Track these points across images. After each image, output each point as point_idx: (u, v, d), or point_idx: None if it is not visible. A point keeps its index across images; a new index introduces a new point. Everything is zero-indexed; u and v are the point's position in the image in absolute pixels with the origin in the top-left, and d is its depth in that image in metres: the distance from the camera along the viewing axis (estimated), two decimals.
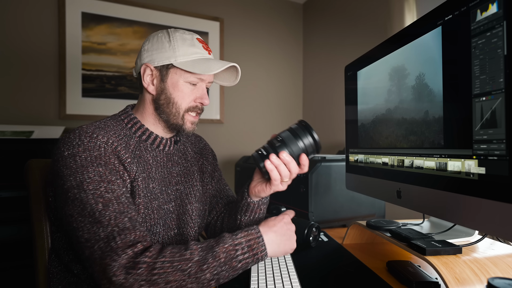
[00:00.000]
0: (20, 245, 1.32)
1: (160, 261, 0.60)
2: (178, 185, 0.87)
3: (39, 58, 1.71)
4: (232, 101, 2.23)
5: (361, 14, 1.79)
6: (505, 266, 0.65)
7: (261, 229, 0.72)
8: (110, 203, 0.65)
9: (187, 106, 0.82)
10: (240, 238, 0.68)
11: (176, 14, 2.03)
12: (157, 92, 0.82)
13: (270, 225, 0.74)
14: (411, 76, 0.79)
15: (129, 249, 0.60)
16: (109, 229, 0.62)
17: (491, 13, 0.55)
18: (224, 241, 0.66)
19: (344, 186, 1.17)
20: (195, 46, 0.81)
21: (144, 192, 0.77)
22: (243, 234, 0.69)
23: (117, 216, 0.64)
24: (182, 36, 0.81)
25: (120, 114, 0.85)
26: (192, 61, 0.80)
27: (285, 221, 0.77)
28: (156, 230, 0.78)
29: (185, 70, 0.79)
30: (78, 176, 0.67)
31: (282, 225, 0.75)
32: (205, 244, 0.66)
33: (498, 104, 0.54)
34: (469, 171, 0.60)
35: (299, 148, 0.75)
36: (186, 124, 0.83)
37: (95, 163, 0.69)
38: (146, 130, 0.84)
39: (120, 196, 0.68)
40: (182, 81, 0.81)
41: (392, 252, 0.95)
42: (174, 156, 0.90)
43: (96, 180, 0.67)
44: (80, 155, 0.69)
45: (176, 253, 0.62)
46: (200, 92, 0.83)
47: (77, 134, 0.72)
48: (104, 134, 0.74)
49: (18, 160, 1.20)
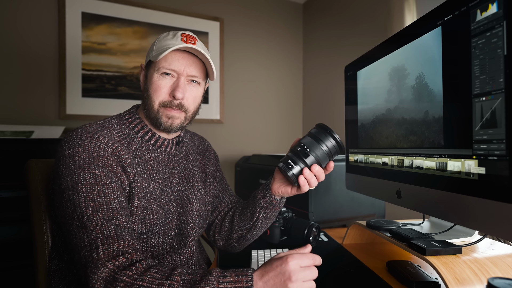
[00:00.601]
0: (20, 245, 1.32)
1: (138, 284, 0.57)
2: (179, 185, 0.88)
3: (39, 58, 1.71)
4: (232, 101, 2.23)
5: (361, 14, 1.79)
6: (505, 266, 0.65)
7: (256, 274, 0.60)
8: (100, 207, 0.66)
9: (161, 100, 0.80)
10: (227, 283, 0.58)
11: (176, 14, 2.03)
12: (143, 88, 0.85)
13: (268, 268, 0.60)
14: (411, 76, 0.79)
15: (109, 262, 0.59)
16: (93, 235, 0.62)
17: (491, 13, 0.55)
18: (208, 282, 0.58)
19: (344, 186, 1.17)
20: (172, 39, 0.80)
21: (144, 193, 0.77)
22: (232, 278, 0.59)
23: (103, 222, 0.64)
24: (167, 34, 0.83)
25: (125, 114, 0.86)
26: (162, 52, 0.79)
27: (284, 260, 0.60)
28: (156, 230, 0.78)
29: (153, 62, 0.80)
30: (75, 177, 0.68)
31: (277, 263, 0.60)
32: (189, 276, 0.60)
33: (498, 104, 0.54)
34: (469, 171, 0.60)
35: (324, 152, 0.76)
36: (162, 117, 0.81)
37: (93, 164, 0.70)
38: (149, 131, 0.85)
39: (112, 201, 0.68)
40: (156, 74, 0.80)
41: (392, 252, 0.95)
42: (176, 157, 0.90)
43: (91, 182, 0.68)
44: (79, 155, 0.70)
45: (156, 279, 0.58)
46: (175, 84, 0.81)
47: (79, 133, 0.73)
48: (106, 133, 0.75)
49: (18, 160, 1.20)
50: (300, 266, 0.59)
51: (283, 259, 0.60)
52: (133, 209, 0.74)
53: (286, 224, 1.03)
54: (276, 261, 0.60)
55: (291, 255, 0.60)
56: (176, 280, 0.59)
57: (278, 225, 1.03)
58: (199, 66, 0.83)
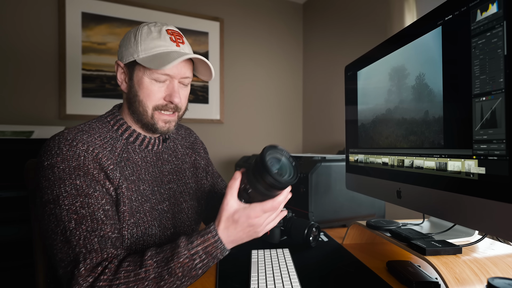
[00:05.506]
0: (20, 245, 1.32)
1: (115, 284, 0.58)
2: (171, 183, 0.86)
3: (39, 58, 1.71)
4: (232, 101, 2.23)
5: (361, 14, 1.79)
6: (505, 266, 0.65)
7: (220, 228, 0.64)
8: (83, 219, 0.64)
9: (154, 104, 0.78)
10: (196, 246, 0.62)
11: (176, 14, 2.03)
12: (128, 90, 0.80)
13: (231, 221, 0.65)
14: (411, 76, 0.79)
15: (90, 276, 0.59)
16: (77, 250, 0.62)
17: (491, 13, 0.55)
18: (179, 254, 0.61)
19: (344, 186, 1.17)
20: (160, 39, 0.76)
21: (135, 196, 0.75)
22: (200, 240, 0.63)
23: (87, 236, 0.63)
24: (148, 29, 0.77)
25: (107, 116, 0.82)
26: (153, 56, 0.75)
27: (249, 215, 0.64)
28: (151, 232, 0.77)
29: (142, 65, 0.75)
30: (56, 190, 0.65)
31: (244, 220, 0.64)
32: (160, 256, 0.62)
33: (498, 104, 0.54)
34: (469, 171, 0.60)
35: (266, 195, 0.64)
36: (158, 123, 0.79)
37: (73, 174, 0.67)
38: (134, 132, 0.82)
39: (96, 211, 0.66)
40: (147, 78, 0.76)
41: (392, 252, 0.95)
42: (164, 155, 0.88)
43: (73, 194, 0.65)
44: (58, 166, 0.67)
45: (131, 272, 0.59)
46: (170, 89, 0.78)
47: (56, 142, 0.69)
48: (86, 139, 0.71)
49: (18, 160, 1.20)
50: (263, 214, 0.65)
51: (247, 215, 0.64)
52: (120, 214, 0.72)
53: (286, 224, 1.02)
54: (241, 217, 0.64)
55: (253, 210, 0.64)
56: (150, 265, 0.60)
57: (278, 225, 1.02)
58: (190, 65, 0.81)
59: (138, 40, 0.76)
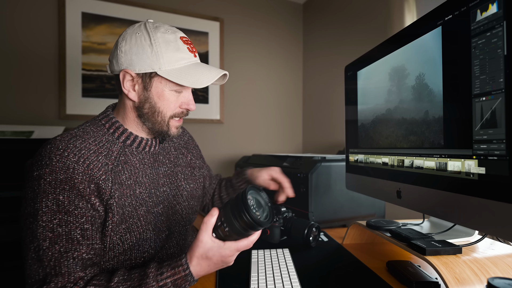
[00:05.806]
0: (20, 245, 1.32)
1: None
2: (165, 186, 0.85)
3: (39, 58, 1.71)
4: (232, 101, 2.23)
5: (361, 14, 1.79)
6: (505, 266, 0.65)
7: (193, 263, 0.65)
8: (58, 239, 0.63)
9: (172, 113, 0.79)
10: (166, 278, 0.62)
11: (176, 14, 2.03)
12: (140, 100, 0.77)
13: (204, 258, 0.65)
14: (411, 76, 0.79)
15: None
16: (47, 270, 0.62)
17: (491, 13, 0.55)
18: (147, 285, 0.61)
19: (344, 186, 1.18)
20: (179, 50, 0.74)
21: (129, 201, 0.74)
22: (170, 273, 0.63)
23: (58, 257, 0.62)
24: (164, 38, 0.73)
25: (101, 118, 0.79)
26: (179, 69, 0.74)
27: (223, 254, 0.65)
28: (146, 236, 0.76)
29: (172, 81, 0.74)
30: (37, 203, 0.64)
31: (217, 258, 0.65)
32: (127, 284, 0.62)
33: (498, 104, 0.54)
34: (469, 171, 0.60)
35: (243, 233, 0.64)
36: (171, 129, 0.80)
37: (58, 188, 0.65)
38: (131, 135, 0.80)
39: (73, 230, 0.65)
40: (168, 90, 0.76)
41: (392, 252, 0.95)
42: (160, 156, 0.87)
43: (53, 210, 0.64)
44: (45, 178, 0.65)
45: None
46: (186, 98, 0.79)
47: (47, 151, 0.67)
48: (79, 145, 0.69)
49: (18, 160, 1.19)
50: (236, 252, 0.67)
51: (221, 254, 0.65)
52: (110, 223, 0.70)
53: (286, 224, 1.03)
54: (215, 256, 0.65)
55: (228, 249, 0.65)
56: None
57: (278, 225, 1.02)
58: None
59: (157, 51, 0.72)
